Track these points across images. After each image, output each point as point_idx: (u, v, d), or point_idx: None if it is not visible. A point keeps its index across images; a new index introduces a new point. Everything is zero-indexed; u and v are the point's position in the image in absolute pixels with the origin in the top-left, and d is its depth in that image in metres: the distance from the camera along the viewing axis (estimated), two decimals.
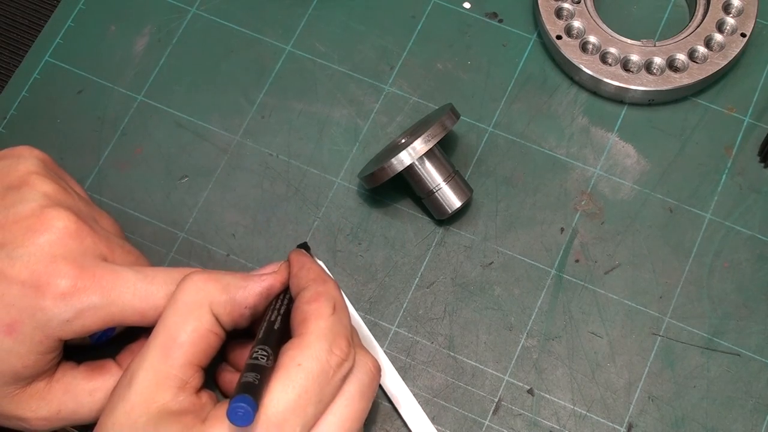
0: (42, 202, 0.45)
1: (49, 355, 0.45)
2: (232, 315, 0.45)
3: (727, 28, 0.56)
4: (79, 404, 0.46)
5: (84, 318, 0.44)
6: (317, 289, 0.45)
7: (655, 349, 0.51)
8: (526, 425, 0.50)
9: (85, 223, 0.45)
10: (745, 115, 0.56)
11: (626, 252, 0.53)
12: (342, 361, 0.43)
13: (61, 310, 0.43)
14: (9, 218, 0.44)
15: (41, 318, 0.43)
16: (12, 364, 0.43)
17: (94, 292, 0.44)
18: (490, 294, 0.53)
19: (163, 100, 0.58)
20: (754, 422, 0.50)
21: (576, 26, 0.57)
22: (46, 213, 0.44)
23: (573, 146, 0.56)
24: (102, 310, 0.44)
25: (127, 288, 0.45)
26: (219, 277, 0.45)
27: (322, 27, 0.59)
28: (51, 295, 0.43)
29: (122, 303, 0.44)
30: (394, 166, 0.51)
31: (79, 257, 0.44)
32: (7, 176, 0.46)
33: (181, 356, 0.43)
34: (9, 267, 0.43)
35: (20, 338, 0.43)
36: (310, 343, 0.42)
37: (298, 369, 0.41)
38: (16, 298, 0.43)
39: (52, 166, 0.48)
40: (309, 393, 0.41)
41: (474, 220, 0.54)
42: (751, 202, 0.54)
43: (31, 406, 0.45)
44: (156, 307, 0.45)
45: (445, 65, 0.58)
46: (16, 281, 0.43)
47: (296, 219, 0.55)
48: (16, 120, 0.57)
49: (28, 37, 0.60)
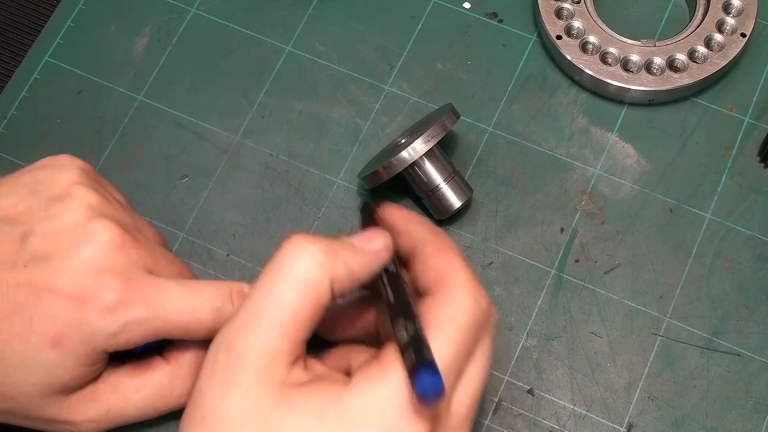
0: (86, 213, 0.44)
1: (95, 366, 0.44)
2: (344, 291, 0.42)
3: (727, 28, 0.56)
4: (127, 402, 0.46)
5: (129, 332, 0.43)
6: (439, 241, 0.44)
7: (655, 349, 0.51)
8: (526, 425, 0.50)
9: (129, 235, 0.45)
10: (745, 115, 0.56)
11: (626, 252, 0.53)
12: (488, 311, 0.42)
13: (106, 324, 0.43)
14: (53, 230, 0.43)
15: (86, 331, 0.43)
16: (59, 375, 0.43)
17: (140, 306, 0.43)
18: (490, 294, 0.52)
19: (163, 100, 0.58)
20: (754, 422, 0.50)
21: (576, 26, 0.57)
22: (90, 225, 0.44)
23: (573, 146, 0.56)
24: (147, 325, 0.43)
25: (172, 302, 0.44)
26: (335, 247, 0.41)
27: (322, 27, 0.59)
28: (96, 308, 0.42)
29: (167, 317, 0.44)
30: (394, 166, 0.51)
31: (124, 270, 0.43)
32: (50, 187, 0.45)
33: (299, 333, 0.40)
34: (54, 279, 0.42)
35: (66, 351, 0.43)
36: (455, 296, 0.41)
37: (451, 325, 0.40)
38: (62, 311, 0.42)
39: (93, 175, 0.48)
40: (463, 347, 0.40)
41: (474, 220, 0.54)
42: (751, 202, 0.54)
43: (80, 409, 0.45)
44: (200, 321, 0.44)
45: (445, 65, 0.58)
46: (61, 294, 0.42)
47: (296, 219, 0.55)
48: (16, 120, 0.57)
49: (28, 37, 0.60)
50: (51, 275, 0.43)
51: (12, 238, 0.44)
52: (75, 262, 0.43)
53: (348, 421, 0.38)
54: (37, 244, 0.43)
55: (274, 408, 0.39)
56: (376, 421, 0.38)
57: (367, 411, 0.38)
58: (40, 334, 0.42)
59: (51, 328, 0.42)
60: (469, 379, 0.41)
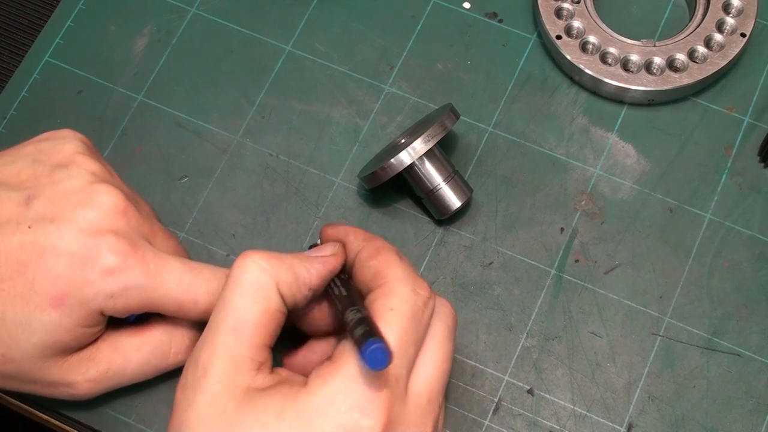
0: (90, 178, 0.45)
1: (95, 328, 0.45)
2: (295, 296, 0.44)
3: (727, 28, 0.56)
4: (127, 360, 0.46)
5: (127, 297, 0.44)
6: (374, 245, 0.45)
7: (655, 349, 0.51)
8: (526, 425, 0.50)
9: (131, 202, 0.46)
10: (745, 115, 0.56)
11: (626, 252, 0.53)
12: (427, 299, 0.43)
13: (106, 285, 0.43)
14: (58, 193, 0.44)
15: (87, 292, 0.43)
16: (59, 336, 0.44)
17: (141, 273, 0.44)
18: (490, 294, 0.53)
19: (163, 100, 0.58)
20: (754, 422, 0.50)
21: (576, 26, 0.57)
22: (94, 188, 0.45)
23: (573, 146, 0.56)
24: (145, 293, 0.44)
25: (172, 277, 0.45)
26: (281, 256, 0.44)
27: (322, 27, 0.59)
28: (98, 269, 0.43)
29: (165, 290, 0.45)
30: (394, 166, 0.51)
31: (127, 235, 0.44)
32: (53, 156, 0.46)
33: (256, 338, 0.42)
34: (57, 240, 0.43)
35: (67, 311, 0.43)
36: (394, 288, 0.43)
37: (392, 313, 0.42)
38: (64, 271, 0.43)
39: (93, 149, 0.49)
40: (407, 333, 0.42)
41: (474, 220, 0.54)
42: (751, 202, 0.54)
43: (80, 369, 0.46)
44: (195, 301, 0.45)
45: (445, 65, 0.58)
46: (64, 254, 0.43)
47: (296, 219, 0.55)
48: (16, 120, 0.57)
49: (28, 37, 0.60)
50: (54, 236, 0.43)
51: (16, 201, 0.44)
52: (79, 224, 0.44)
53: (305, 417, 0.40)
54: (42, 206, 0.44)
55: (237, 411, 0.40)
56: (331, 415, 0.39)
57: (323, 406, 0.40)
58: (42, 294, 0.43)
59: (52, 288, 0.43)
60: (424, 365, 0.43)
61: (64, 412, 0.50)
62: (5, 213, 0.44)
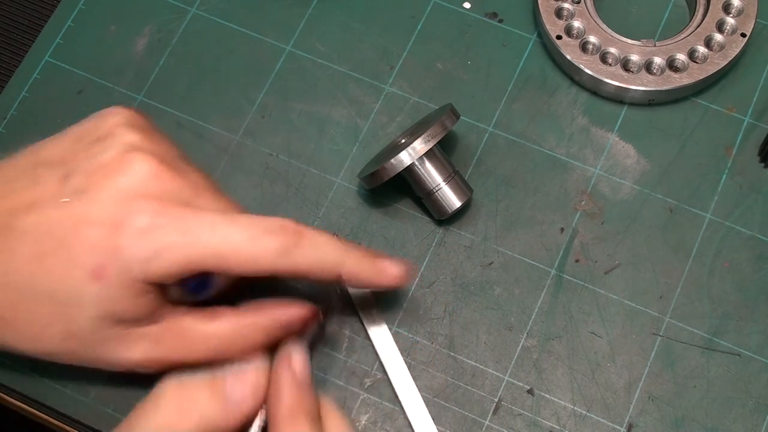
0: (125, 148, 0.45)
1: (143, 298, 0.44)
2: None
3: (727, 28, 0.56)
4: (191, 350, 0.46)
5: (162, 258, 0.43)
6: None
7: (655, 349, 0.51)
8: (526, 425, 0.50)
9: (168, 168, 0.45)
10: (745, 115, 0.56)
11: (626, 252, 0.53)
12: None
13: (139, 248, 0.43)
14: (92, 166, 0.45)
15: (122, 258, 0.43)
16: (109, 307, 0.44)
17: (173, 230, 0.43)
18: (490, 294, 0.53)
19: (163, 100, 0.58)
20: (754, 422, 0.50)
21: (576, 26, 0.57)
22: (127, 157, 0.45)
23: (573, 146, 0.56)
24: (181, 250, 0.43)
25: (205, 228, 0.44)
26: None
27: (322, 27, 0.59)
28: (129, 233, 0.43)
29: (201, 244, 0.43)
30: (394, 166, 0.51)
31: (158, 196, 0.44)
32: (94, 131, 0.47)
33: None
34: (90, 210, 0.43)
35: (108, 282, 0.43)
36: None
37: None
38: (99, 240, 0.43)
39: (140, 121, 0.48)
40: None
41: (474, 220, 0.54)
42: (751, 202, 0.54)
43: (142, 346, 0.45)
44: (236, 250, 0.44)
45: (445, 65, 0.58)
46: (97, 223, 0.43)
47: (296, 219, 0.54)
48: (16, 120, 0.57)
49: (28, 37, 0.60)
50: (87, 206, 0.44)
51: (54, 178, 0.45)
52: (110, 192, 0.44)
53: None
54: (77, 181, 0.44)
55: None
56: None
57: None
58: (81, 266, 0.43)
59: (90, 260, 0.43)
60: None
61: (64, 412, 0.50)
62: (45, 191, 0.44)
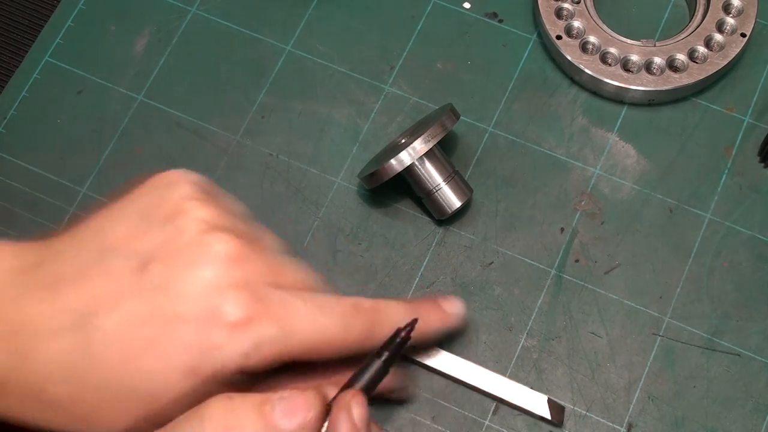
0: (200, 228, 0.42)
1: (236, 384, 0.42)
2: None
3: (727, 28, 0.56)
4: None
5: (262, 351, 0.41)
6: None
7: (655, 349, 0.51)
8: (526, 425, 0.50)
9: (247, 246, 0.43)
10: (745, 115, 0.56)
11: (626, 252, 0.53)
12: None
13: (236, 345, 0.40)
14: (169, 253, 0.42)
15: (219, 357, 0.40)
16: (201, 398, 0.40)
17: (267, 323, 0.41)
18: (490, 294, 0.53)
19: (163, 100, 0.58)
20: (754, 422, 0.50)
21: (576, 26, 0.57)
22: (205, 240, 0.42)
23: (573, 146, 0.56)
24: (278, 345, 0.41)
25: (302, 319, 0.42)
26: None
27: (322, 27, 0.59)
28: (224, 328, 0.40)
29: (300, 336, 0.42)
30: (394, 166, 0.51)
31: (247, 285, 0.42)
32: (161, 207, 0.43)
33: None
34: (177, 306, 0.41)
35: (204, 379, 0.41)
36: None
37: None
38: (192, 339, 0.40)
39: (207, 187, 0.45)
40: None
41: (474, 220, 0.54)
42: (751, 202, 0.54)
43: None
44: (330, 341, 0.42)
45: (445, 65, 0.58)
46: (187, 320, 0.41)
47: (296, 219, 0.55)
48: (16, 120, 0.57)
49: (28, 37, 0.60)
50: (174, 302, 0.41)
51: (129, 267, 0.42)
52: (196, 285, 0.41)
53: None
54: (157, 271, 0.42)
55: None
56: None
57: None
58: (175, 369, 0.41)
59: (185, 361, 0.41)
60: None
61: None
62: (123, 284, 0.41)
